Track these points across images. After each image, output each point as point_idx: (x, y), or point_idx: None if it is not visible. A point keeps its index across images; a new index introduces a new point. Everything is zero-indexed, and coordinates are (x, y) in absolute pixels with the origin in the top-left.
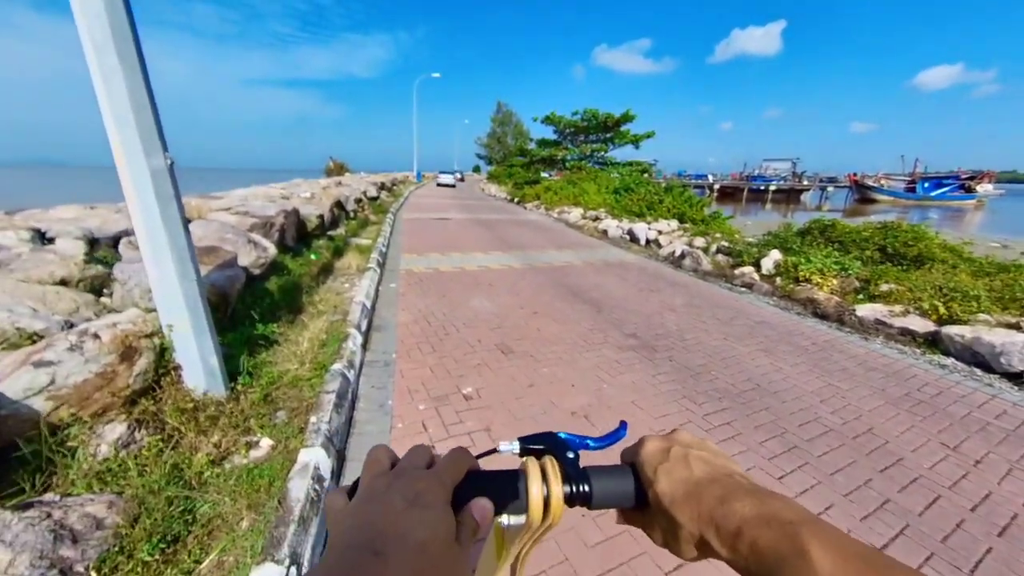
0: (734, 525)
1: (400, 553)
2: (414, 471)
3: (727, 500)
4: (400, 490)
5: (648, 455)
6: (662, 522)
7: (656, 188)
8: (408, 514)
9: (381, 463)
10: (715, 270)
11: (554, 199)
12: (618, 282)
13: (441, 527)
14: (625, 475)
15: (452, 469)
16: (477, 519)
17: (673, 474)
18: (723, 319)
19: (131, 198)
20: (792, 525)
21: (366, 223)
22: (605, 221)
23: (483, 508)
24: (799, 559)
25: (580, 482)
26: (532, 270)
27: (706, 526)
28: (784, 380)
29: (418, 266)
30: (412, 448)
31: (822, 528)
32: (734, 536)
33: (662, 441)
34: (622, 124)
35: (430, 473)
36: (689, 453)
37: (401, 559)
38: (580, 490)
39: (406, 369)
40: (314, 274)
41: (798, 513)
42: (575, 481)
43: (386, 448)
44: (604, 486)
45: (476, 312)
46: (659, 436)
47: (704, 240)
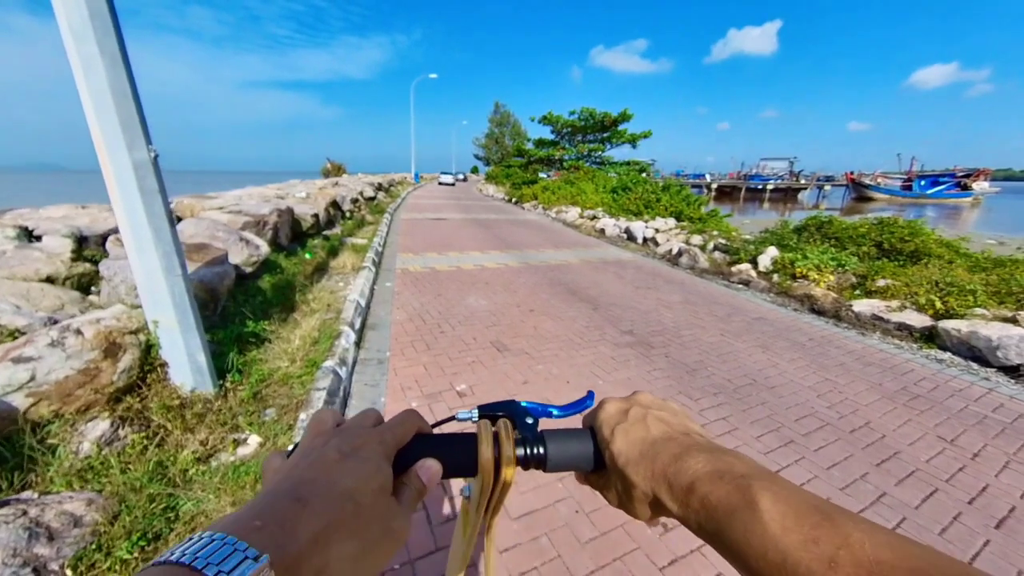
0: (687, 481)
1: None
2: (357, 428)
3: (681, 457)
4: (337, 445)
5: (606, 416)
6: (617, 483)
7: (653, 187)
8: (340, 465)
9: (324, 423)
10: (712, 267)
11: (552, 199)
12: (615, 280)
13: (374, 479)
14: (583, 438)
15: (398, 429)
16: (424, 479)
17: (630, 434)
18: (720, 316)
19: (114, 192)
20: (744, 478)
21: (363, 223)
22: (603, 220)
23: (429, 468)
24: (748, 511)
25: (535, 445)
26: (529, 269)
27: (659, 484)
28: (781, 375)
29: (414, 265)
30: (361, 411)
31: (774, 480)
32: (686, 492)
33: (621, 403)
34: (619, 123)
35: (372, 430)
36: (648, 414)
37: (322, 506)
38: (535, 452)
39: (400, 367)
40: (308, 273)
41: (751, 467)
42: (530, 444)
43: (332, 411)
44: (560, 449)
45: (472, 310)
46: (619, 398)
47: (701, 238)
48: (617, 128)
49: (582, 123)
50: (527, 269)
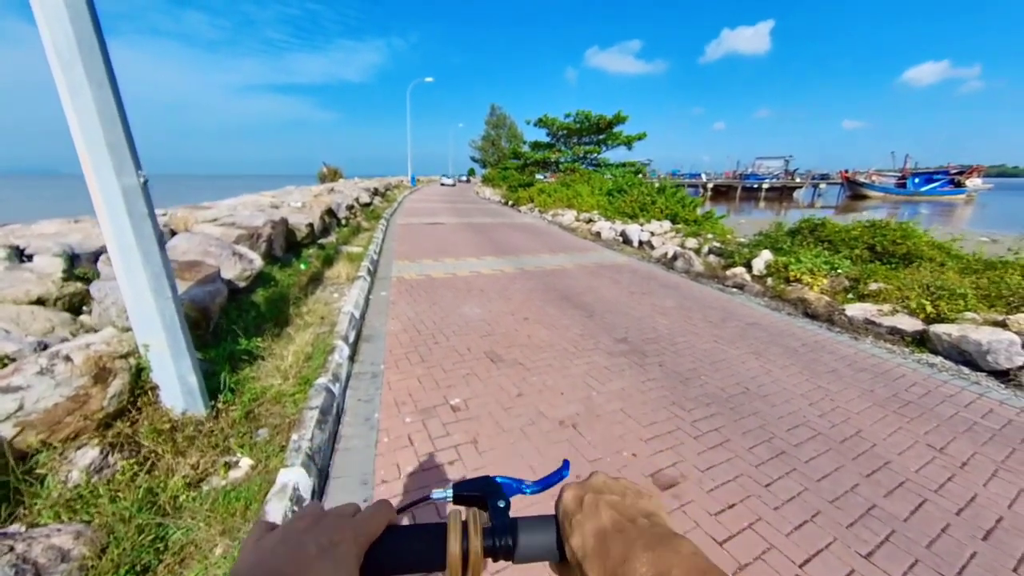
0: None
1: None
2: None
3: (628, 560)
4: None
5: (565, 507)
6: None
7: (649, 189)
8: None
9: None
10: (707, 271)
11: (548, 201)
12: (610, 285)
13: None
14: (551, 527)
15: (371, 523)
16: None
17: (585, 525)
18: (714, 321)
19: (103, 216)
20: None
21: (358, 230)
22: (598, 223)
23: None
24: None
25: (504, 535)
26: (524, 274)
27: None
28: (774, 383)
29: (410, 273)
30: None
31: None
32: None
33: (577, 489)
34: (614, 125)
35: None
36: (600, 500)
37: None
38: (502, 543)
39: (394, 380)
40: (303, 284)
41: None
42: (499, 534)
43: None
44: (529, 539)
45: (467, 319)
46: (576, 483)
47: (696, 241)
48: (612, 130)
49: (577, 126)
50: (522, 275)
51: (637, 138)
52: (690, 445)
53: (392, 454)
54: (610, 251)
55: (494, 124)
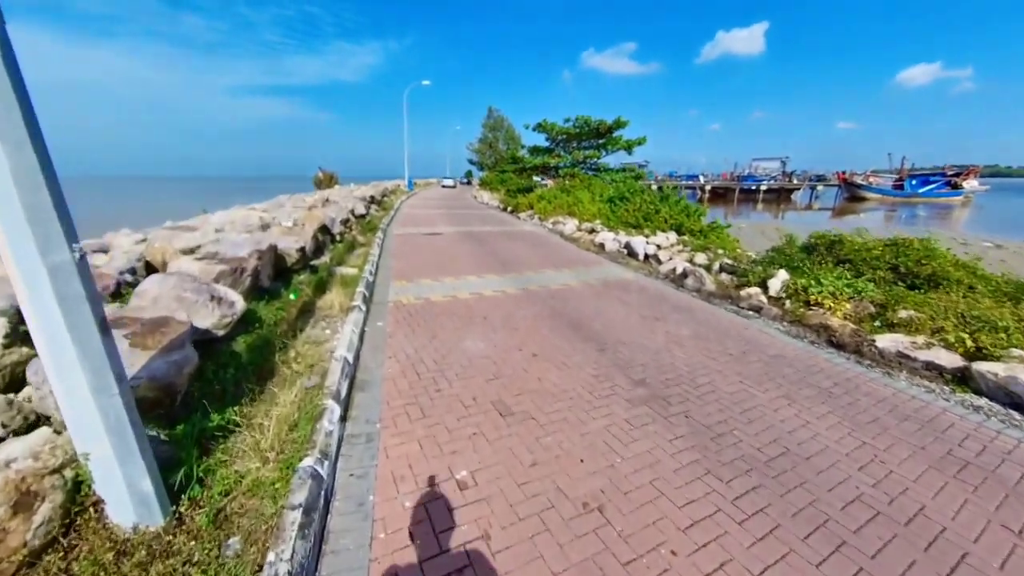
0: None
1: None
2: None
3: None
4: None
5: None
6: None
7: (652, 197)
8: None
9: None
10: (719, 291)
11: (548, 208)
12: (619, 308)
13: None
14: None
15: None
16: None
17: None
18: (735, 353)
19: (24, 303)
20: None
21: (353, 246)
22: (601, 234)
23: None
24: None
25: None
26: (528, 296)
27: None
28: (814, 439)
29: (408, 296)
30: None
31: None
32: None
33: None
34: (614, 130)
35: None
36: None
37: None
38: None
39: (391, 444)
40: (292, 319)
41: None
42: None
43: None
44: None
45: (470, 357)
46: None
47: (706, 256)
48: (612, 135)
49: (577, 130)
50: (526, 297)
51: (637, 143)
52: (736, 535)
53: (390, 556)
54: (615, 265)
55: (491, 127)
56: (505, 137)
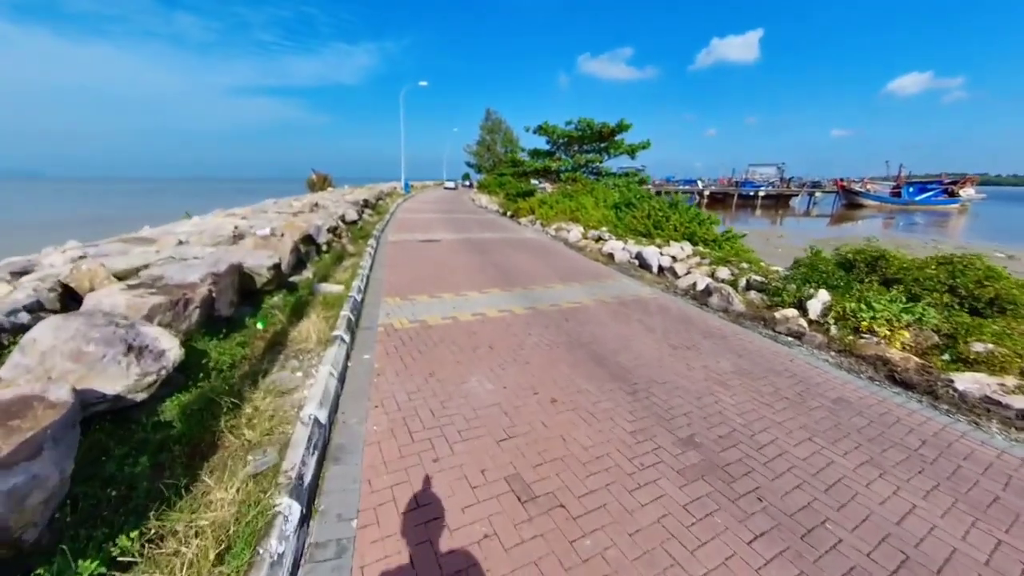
0: None
1: None
2: None
3: None
4: None
5: None
6: None
7: (660, 204)
8: None
9: None
10: (750, 312)
11: (550, 214)
12: (643, 333)
13: None
14: None
15: None
16: None
17: None
18: (791, 397)
19: None
20: None
21: (342, 257)
22: (610, 243)
23: None
24: None
25: None
26: (538, 317)
27: None
28: (933, 535)
29: (401, 318)
30: None
31: None
32: None
33: None
34: (617, 134)
35: None
36: None
37: None
38: None
39: (370, 560)
40: (258, 356)
41: None
42: None
43: None
44: None
45: (475, 406)
46: None
47: (728, 271)
48: (615, 139)
49: (579, 133)
50: (536, 318)
51: (641, 147)
52: None
53: None
54: (628, 279)
55: (489, 129)
56: (503, 140)
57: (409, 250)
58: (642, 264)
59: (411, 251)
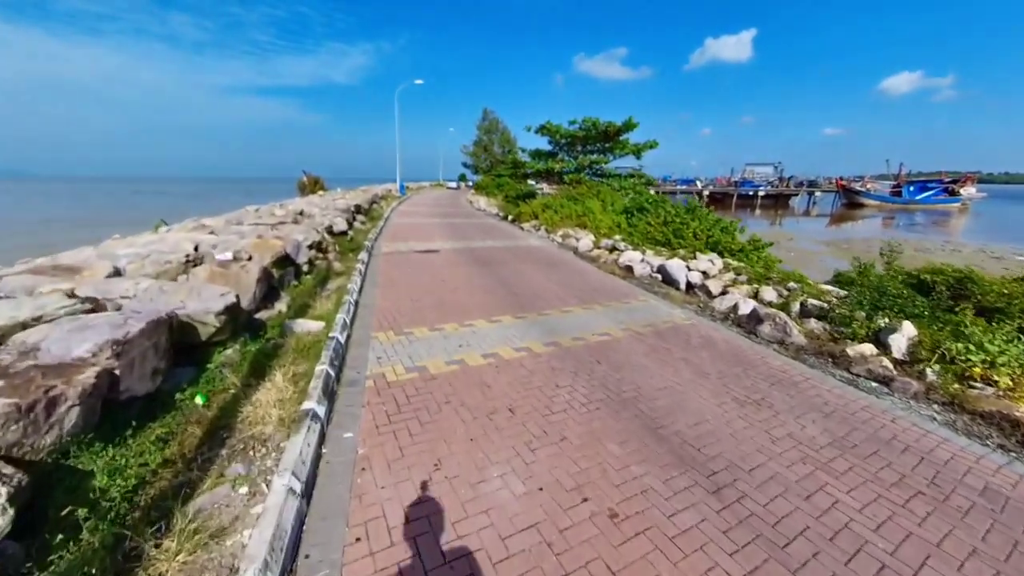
0: None
1: None
2: None
3: None
4: None
5: None
6: None
7: (677, 209)
8: None
9: None
10: (813, 345)
11: (554, 219)
12: (697, 381)
13: None
14: None
15: None
16: None
17: None
18: (925, 490)
19: None
20: None
21: (326, 278)
22: (627, 254)
23: None
24: None
25: None
26: (564, 358)
27: None
28: None
29: (395, 364)
30: None
31: None
32: None
33: None
34: (623, 133)
35: None
36: None
37: None
38: None
39: None
40: (188, 453)
41: None
42: None
43: None
44: None
45: (503, 531)
46: None
47: (774, 292)
48: (619, 139)
49: (583, 133)
50: (561, 359)
51: (648, 147)
52: None
53: None
54: (654, 298)
55: (486, 129)
56: (500, 140)
57: (405, 264)
58: (667, 279)
59: (407, 265)
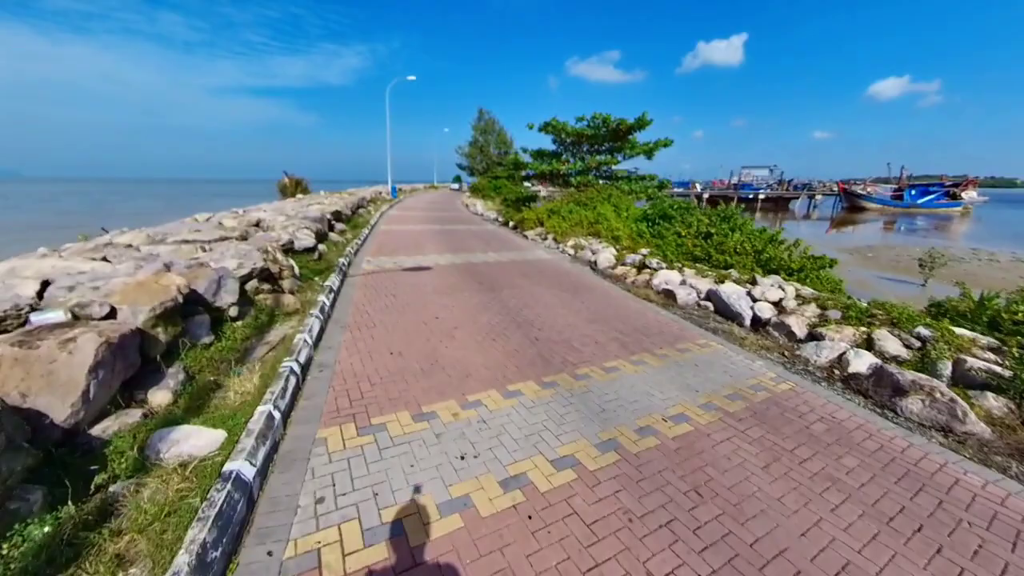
0: None
1: None
2: None
3: None
4: None
5: None
6: None
7: (711, 216)
8: None
9: None
10: (1003, 440)
11: (563, 226)
12: (867, 525)
13: None
14: None
15: None
16: None
17: None
18: None
19: None
20: None
21: (271, 321)
22: (661, 273)
23: None
24: None
25: None
26: (635, 478)
27: None
28: None
29: (346, 527)
30: None
31: None
32: None
33: None
34: (635, 131)
35: None
36: None
37: None
38: None
39: None
40: None
41: None
42: None
43: None
44: None
45: None
46: None
47: (895, 339)
48: (629, 137)
49: (592, 131)
50: (633, 484)
51: (662, 145)
52: None
53: None
54: (718, 340)
55: (482, 129)
56: (496, 141)
57: (388, 289)
58: (722, 311)
59: (391, 291)
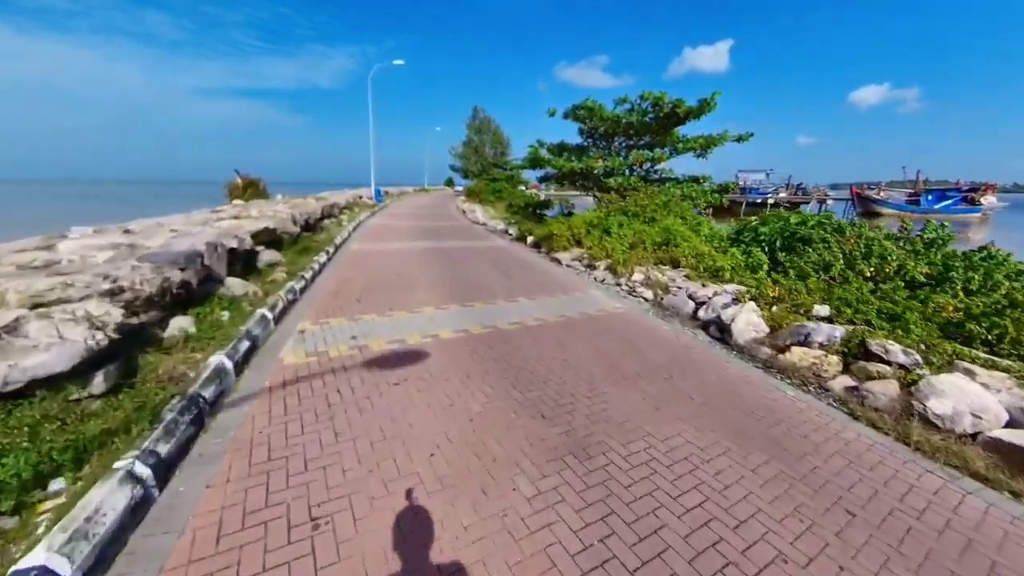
0: None
1: None
2: None
3: None
4: None
5: None
6: None
7: (907, 244)
8: None
9: None
10: None
11: (617, 249)
12: None
13: None
14: None
15: None
16: None
17: None
18: None
19: None
20: None
21: None
22: (941, 382)
23: None
24: None
25: None
26: None
27: None
28: None
29: None
30: None
31: None
32: None
33: None
34: (694, 117)
35: None
36: None
37: None
38: None
39: None
40: None
41: None
42: None
43: None
44: None
45: None
46: None
47: None
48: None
49: (637, 117)
50: None
51: (738, 139)
52: None
53: None
54: None
55: (477, 128)
56: (492, 140)
57: (323, 420)
58: None
59: (327, 425)
